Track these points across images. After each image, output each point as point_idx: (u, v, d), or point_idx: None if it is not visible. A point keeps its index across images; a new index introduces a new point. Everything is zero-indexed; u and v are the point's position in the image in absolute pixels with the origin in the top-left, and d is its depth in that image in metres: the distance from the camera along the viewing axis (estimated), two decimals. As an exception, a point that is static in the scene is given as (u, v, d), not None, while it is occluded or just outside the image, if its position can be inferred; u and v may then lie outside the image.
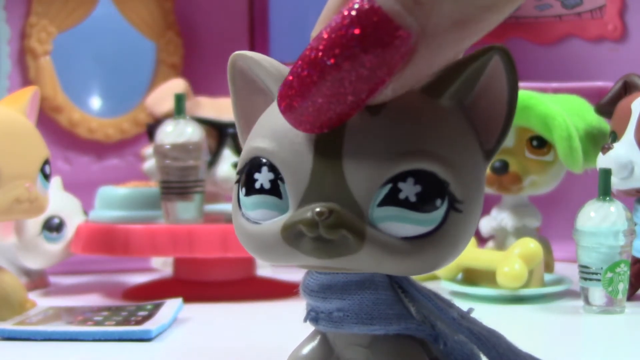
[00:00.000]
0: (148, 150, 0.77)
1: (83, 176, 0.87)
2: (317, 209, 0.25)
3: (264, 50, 0.98)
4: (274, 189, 0.27)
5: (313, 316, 0.29)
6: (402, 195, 0.25)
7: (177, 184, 0.62)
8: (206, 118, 0.73)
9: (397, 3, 0.23)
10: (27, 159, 0.53)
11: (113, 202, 0.69)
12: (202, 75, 0.94)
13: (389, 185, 0.25)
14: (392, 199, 0.25)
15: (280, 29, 0.99)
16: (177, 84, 0.76)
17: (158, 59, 0.93)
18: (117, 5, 0.91)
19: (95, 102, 0.93)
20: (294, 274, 0.76)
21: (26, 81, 0.85)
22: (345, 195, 0.25)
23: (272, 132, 0.27)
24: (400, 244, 0.26)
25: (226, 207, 0.72)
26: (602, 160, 0.59)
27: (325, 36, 0.24)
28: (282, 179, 0.26)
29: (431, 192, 0.25)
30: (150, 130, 0.72)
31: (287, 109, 0.25)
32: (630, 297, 0.60)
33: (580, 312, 0.56)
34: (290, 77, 0.25)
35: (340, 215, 0.25)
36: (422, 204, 0.25)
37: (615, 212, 0.55)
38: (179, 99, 0.63)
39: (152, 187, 0.69)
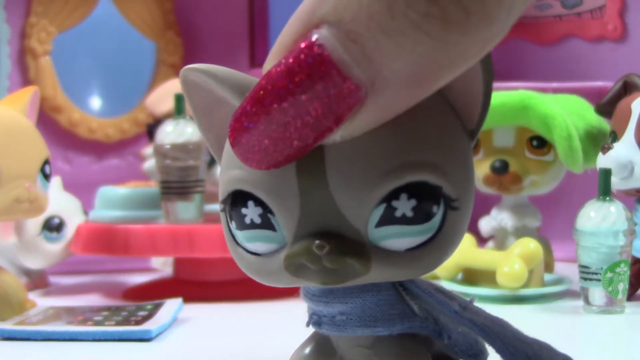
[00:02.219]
0: (148, 150, 0.77)
1: (83, 176, 0.87)
2: (317, 242, 0.25)
3: (264, 50, 0.98)
4: (266, 223, 0.26)
5: (315, 320, 0.29)
6: (398, 213, 0.25)
7: (177, 184, 0.62)
8: (206, 118, 0.73)
9: (347, 53, 0.22)
10: (27, 159, 0.53)
11: (113, 202, 0.69)
12: (202, 75, 0.94)
13: (383, 205, 0.25)
14: (388, 218, 0.25)
15: (280, 29, 0.98)
16: (177, 84, 0.76)
17: (158, 59, 0.93)
18: (117, 5, 0.91)
19: (95, 102, 0.93)
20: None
21: (26, 81, 0.85)
22: (340, 222, 0.25)
23: None
24: (404, 255, 0.25)
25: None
26: (602, 160, 0.59)
27: (274, 76, 0.23)
28: (271, 212, 0.26)
29: (426, 201, 0.25)
30: (150, 130, 0.72)
31: (234, 144, 0.24)
32: (630, 297, 0.60)
33: (580, 312, 0.56)
34: (239, 112, 0.24)
35: (341, 245, 0.25)
36: (419, 215, 0.25)
37: (615, 212, 0.55)
38: (179, 99, 0.63)
39: (152, 187, 0.69)
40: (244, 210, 0.26)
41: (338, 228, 0.25)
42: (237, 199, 0.26)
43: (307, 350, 0.30)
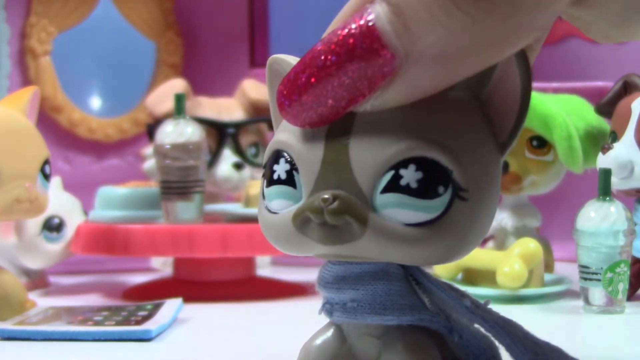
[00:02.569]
0: (148, 150, 0.77)
1: (83, 176, 0.87)
2: (323, 196, 0.26)
3: (264, 50, 0.98)
4: (290, 179, 0.28)
5: (327, 308, 0.30)
6: (403, 182, 0.26)
7: (177, 184, 0.62)
8: (206, 118, 0.73)
9: (390, 24, 0.24)
10: (27, 159, 0.53)
11: (113, 202, 0.69)
12: (202, 75, 0.94)
13: (391, 172, 0.26)
14: (393, 185, 0.26)
15: (280, 29, 0.99)
16: (177, 84, 0.76)
17: (158, 59, 0.93)
18: (117, 5, 0.91)
19: (95, 102, 0.93)
20: (294, 274, 0.76)
21: (26, 81, 0.85)
22: (350, 183, 0.26)
23: (290, 125, 0.28)
24: (402, 230, 0.26)
25: (226, 207, 0.72)
26: (602, 160, 0.59)
27: (327, 40, 0.25)
28: (297, 170, 0.28)
29: (433, 178, 0.26)
30: (150, 130, 0.72)
31: (279, 99, 0.27)
32: (630, 297, 0.60)
33: (580, 312, 0.56)
34: (292, 70, 0.26)
35: (344, 202, 0.26)
36: (423, 190, 0.26)
37: (615, 212, 0.55)
38: (179, 99, 0.63)
39: (152, 187, 0.69)
40: (275, 167, 0.28)
41: (348, 189, 0.26)
42: (274, 157, 0.28)
43: (319, 340, 0.31)
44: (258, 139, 0.78)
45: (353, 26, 0.25)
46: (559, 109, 0.63)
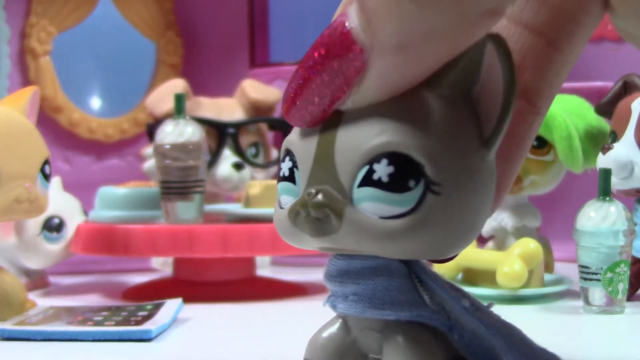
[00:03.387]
0: (148, 150, 0.77)
1: (83, 176, 0.87)
2: (309, 190, 0.28)
3: (264, 50, 0.98)
4: (291, 176, 0.29)
5: (332, 300, 0.31)
6: (375, 176, 0.27)
7: (177, 184, 0.62)
8: (206, 118, 0.73)
9: (357, 19, 0.26)
10: (27, 159, 0.53)
11: (113, 202, 0.69)
12: (202, 75, 0.94)
13: (366, 167, 0.27)
14: (368, 179, 0.27)
15: (280, 29, 0.99)
16: (177, 84, 0.76)
17: (158, 59, 0.93)
18: (117, 5, 0.91)
19: (95, 102, 0.93)
20: (294, 274, 0.76)
21: (26, 81, 0.85)
22: (334, 178, 0.28)
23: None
24: (377, 222, 0.27)
25: (226, 207, 0.72)
26: (602, 160, 0.59)
27: (313, 45, 0.27)
28: (297, 167, 0.29)
29: (403, 172, 0.27)
30: (150, 130, 0.72)
31: (283, 101, 0.29)
32: (630, 297, 0.60)
33: (580, 312, 0.56)
34: (291, 77, 0.28)
35: (325, 195, 0.28)
36: (394, 184, 0.27)
37: (615, 212, 0.55)
38: (179, 99, 0.63)
39: (152, 187, 0.69)
40: (282, 164, 0.30)
41: (331, 185, 0.28)
42: (283, 156, 0.30)
43: (325, 333, 0.32)
44: (258, 139, 0.78)
45: (334, 26, 0.26)
46: (559, 109, 0.63)
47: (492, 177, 0.28)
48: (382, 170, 0.27)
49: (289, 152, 0.30)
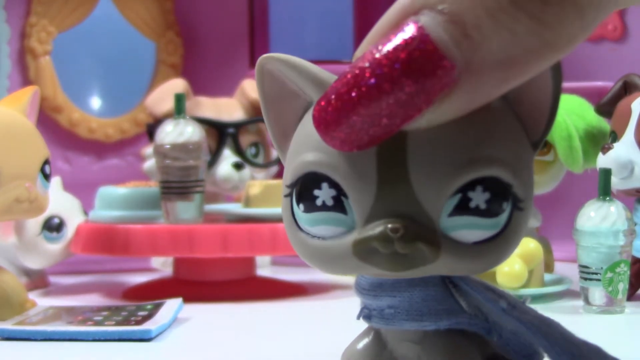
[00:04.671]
0: (148, 150, 0.77)
1: (83, 176, 0.87)
2: (390, 225, 0.25)
3: (264, 50, 0.98)
4: (338, 205, 0.26)
5: (366, 313, 0.30)
6: (472, 204, 0.25)
7: (177, 184, 0.62)
8: (206, 118, 0.73)
9: (446, 33, 0.23)
10: (27, 159, 0.53)
11: (113, 202, 0.69)
12: (202, 75, 0.94)
13: (459, 195, 0.25)
14: (463, 208, 0.25)
15: (280, 29, 0.99)
16: (177, 84, 0.76)
17: (158, 59, 0.93)
18: (117, 5, 0.91)
19: (95, 102, 0.93)
20: (294, 274, 0.76)
21: (26, 81, 0.85)
22: (415, 208, 0.25)
23: (324, 144, 0.26)
24: (471, 249, 0.26)
25: (226, 207, 0.72)
26: (602, 160, 0.59)
27: (371, 56, 0.24)
28: (345, 195, 0.26)
29: (498, 196, 0.26)
30: (150, 130, 0.72)
31: (320, 123, 0.25)
32: (630, 297, 0.60)
33: (580, 312, 0.56)
34: (329, 92, 0.24)
35: (414, 230, 0.25)
36: (491, 209, 0.26)
37: (615, 212, 0.55)
38: (179, 99, 0.63)
39: (152, 187, 0.69)
40: (316, 192, 0.26)
41: (411, 214, 0.25)
42: (310, 181, 0.27)
43: (360, 345, 0.31)
44: (258, 139, 0.78)
45: (403, 39, 0.23)
46: (559, 109, 0.63)
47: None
48: (479, 197, 0.25)
49: (320, 177, 0.26)
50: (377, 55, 0.23)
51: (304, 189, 0.27)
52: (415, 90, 0.23)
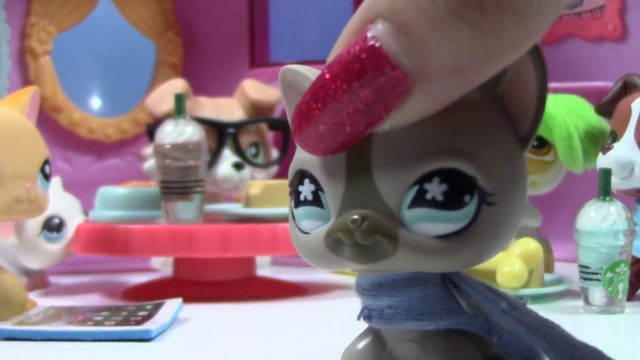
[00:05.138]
0: (148, 150, 0.77)
1: (83, 176, 0.87)
2: (351, 217, 0.26)
3: (264, 50, 0.98)
4: (316, 200, 0.28)
5: (366, 314, 0.30)
6: (428, 196, 0.26)
7: (177, 184, 0.62)
8: (206, 118, 0.73)
9: (396, 44, 0.24)
10: (27, 159, 0.53)
11: (113, 202, 0.69)
12: (202, 75, 0.94)
13: (416, 187, 0.26)
14: (419, 200, 0.26)
15: (280, 29, 0.99)
16: (177, 84, 0.76)
17: (158, 59, 0.93)
18: (117, 5, 0.91)
19: (95, 102, 0.93)
20: (294, 274, 0.76)
21: (26, 81, 0.85)
22: (377, 201, 0.26)
23: None
24: (433, 242, 0.26)
25: (226, 207, 0.72)
26: (602, 160, 0.59)
27: (331, 67, 0.25)
28: (322, 190, 0.28)
29: (458, 189, 0.26)
30: (150, 130, 0.72)
31: (295, 131, 0.26)
32: (630, 297, 0.60)
33: (580, 312, 0.56)
34: (301, 101, 0.26)
35: (373, 221, 0.26)
36: (449, 202, 0.26)
37: (615, 212, 0.55)
38: (179, 99, 0.63)
39: (152, 187, 0.69)
40: (300, 187, 0.28)
41: (375, 208, 0.26)
42: (297, 178, 0.29)
43: (360, 345, 0.31)
44: (258, 139, 0.78)
45: (357, 50, 0.24)
46: (559, 109, 0.63)
47: (526, 175, 0.28)
48: (435, 189, 0.26)
49: (305, 174, 0.28)
50: (336, 67, 0.25)
51: (294, 185, 0.29)
52: (372, 100, 0.24)
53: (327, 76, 0.25)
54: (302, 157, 0.28)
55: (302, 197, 0.28)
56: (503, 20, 0.23)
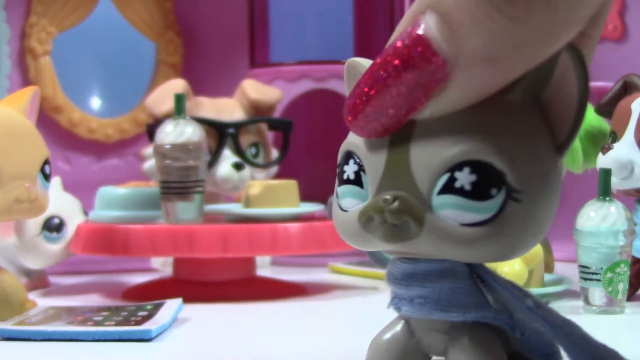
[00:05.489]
0: (148, 150, 0.77)
1: (83, 176, 0.87)
2: (385, 197, 0.28)
3: (264, 50, 0.98)
4: (357, 179, 0.30)
5: (396, 302, 0.31)
6: (457, 184, 0.27)
7: (177, 184, 0.62)
8: (206, 118, 0.73)
9: (438, 32, 0.26)
10: (27, 159, 0.53)
11: (113, 202, 0.69)
12: (202, 75, 0.94)
13: (447, 175, 0.27)
14: (449, 187, 0.27)
15: (280, 29, 0.99)
16: (177, 84, 0.76)
17: (158, 59, 0.93)
18: (117, 5, 0.91)
19: (95, 102, 0.93)
20: (294, 274, 0.76)
21: (26, 81, 0.85)
22: (410, 185, 0.28)
23: None
24: (458, 230, 0.27)
25: (226, 207, 0.72)
26: (602, 160, 0.59)
27: (382, 53, 0.27)
28: (364, 170, 0.30)
29: (486, 181, 0.27)
30: (150, 130, 0.72)
31: (347, 113, 0.29)
32: (630, 297, 0.60)
33: (580, 312, 0.56)
34: (356, 85, 0.28)
35: (403, 202, 0.28)
36: (476, 192, 0.27)
37: (615, 212, 0.55)
38: (179, 99, 0.63)
39: (152, 187, 0.69)
40: (345, 167, 0.30)
41: (408, 191, 0.28)
42: (345, 159, 0.31)
43: (388, 334, 0.32)
44: (258, 139, 0.78)
45: (407, 38, 0.26)
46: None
47: (561, 181, 0.30)
48: (465, 178, 0.27)
49: (351, 155, 0.30)
50: (388, 52, 0.27)
51: (341, 165, 0.31)
52: (413, 84, 0.26)
53: (378, 60, 0.27)
54: (350, 140, 0.30)
55: (345, 176, 0.30)
56: (533, 9, 0.24)
